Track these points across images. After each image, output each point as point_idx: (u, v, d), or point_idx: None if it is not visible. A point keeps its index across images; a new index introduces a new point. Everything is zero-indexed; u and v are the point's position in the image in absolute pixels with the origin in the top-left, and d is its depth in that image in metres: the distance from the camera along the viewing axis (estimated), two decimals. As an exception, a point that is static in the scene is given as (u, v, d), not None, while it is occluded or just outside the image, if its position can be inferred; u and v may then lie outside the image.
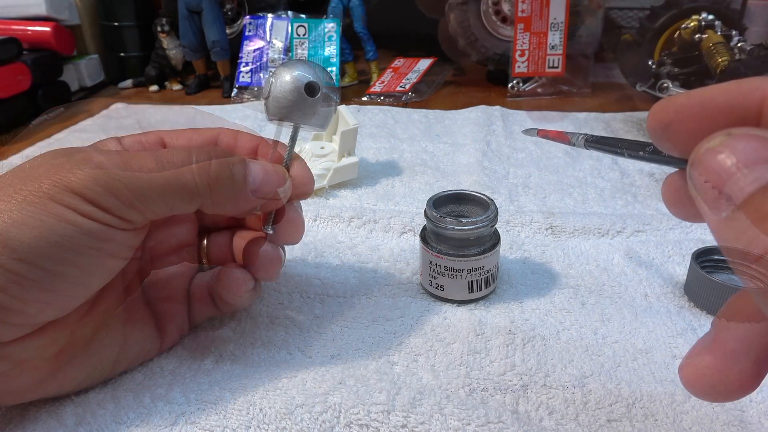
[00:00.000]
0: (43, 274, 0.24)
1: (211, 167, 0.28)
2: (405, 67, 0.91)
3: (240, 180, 0.29)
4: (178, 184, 0.27)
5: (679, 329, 0.35)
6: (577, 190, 0.54)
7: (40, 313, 0.25)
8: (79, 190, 0.25)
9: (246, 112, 0.77)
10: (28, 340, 0.26)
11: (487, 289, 0.38)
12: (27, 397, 0.28)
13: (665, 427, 0.29)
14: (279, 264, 0.33)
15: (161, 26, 0.88)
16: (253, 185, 0.29)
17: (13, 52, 0.74)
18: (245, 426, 0.28)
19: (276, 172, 0.31)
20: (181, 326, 0.34)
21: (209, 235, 0.35)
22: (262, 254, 0.32)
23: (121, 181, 0.25)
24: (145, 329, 0.32)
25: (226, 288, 0.32)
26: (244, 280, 0.32)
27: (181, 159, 0.27)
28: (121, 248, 0.27)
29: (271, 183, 0.30)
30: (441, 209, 0.38)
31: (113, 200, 0.25)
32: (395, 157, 0.62)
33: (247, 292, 0.32)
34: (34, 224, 0.24)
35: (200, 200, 0.28)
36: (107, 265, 0.27)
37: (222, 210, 0.30)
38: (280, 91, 0.31)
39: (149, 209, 0.26)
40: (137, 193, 0.26)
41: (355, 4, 0.86)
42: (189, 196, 0.27)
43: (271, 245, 0.32)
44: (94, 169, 0.25)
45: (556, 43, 0.81)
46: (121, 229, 0.26)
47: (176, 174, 0.27)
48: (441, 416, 0.28)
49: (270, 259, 0.32)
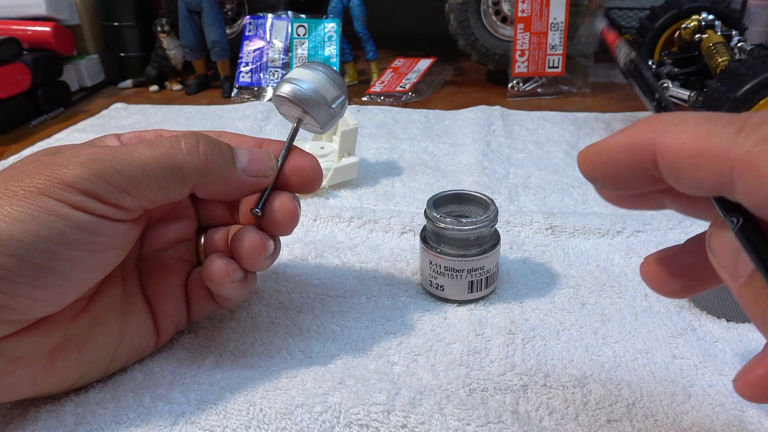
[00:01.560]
0: (33, 270, 0.24)
1: (200, 146, 0.28)
2: (405, 67, 0.91)
3: (228, 158, 0.30)
4: (170, 164, 0.27)
5: (679, 329, 0.35)
6: (577, 190, 0.54)
7: (30, 310, 0.25)
8: (70, 180, 0.25)
9: (246, 112, 0.77)
10: (21, 337, 0.26)
11: (487, 289, 0.38)
12: (22, 395, 0.28)
13: (665, 427, 0.29)
14: (263, 250, 0.31)
15: (161, 26, 0.88)
16: (240, 164, 0.30)
17: (13, 52, 0.74)
18: (245, 426, 0.28)
19: (261, 152, 0.31)
20: (177, 322, 0.34)
21: (206, 232, 0.35)
22: (246, 240, 0.30)
23: (114, 167, 0.26)
24: (142, 326, 0.32)
25: (210, 279, 0.31)
26: (229, 270, 0.30)
27: (170, 143, 0.28)
28: (114, 242, 0.27)
29: (257, 161, 0.31)
30: (441, 209, 0.38)
31: (106, 186, 0.25)
32: (395, 157, 0.62)
33: (233, 284, 0.31)
34: (25, 219, 0.24)
35: (192, 180, 0.28)
36: (100, 260, 0.27)
37: (214, 191, 0.30)
38: (313, 79, 0.32)
39: (143, 194, 0.27)
40: (129, 177, 0.26)
41: (355, 4, 0.86)
42: (181, 176, 0.28)
43: (257, 231, 0.31)
44: (86, 158, 0.26)
45: (556, 43, 0.81)
46: (114, 219, 0.26)
47: (167, 155, 0.27)
48: (441, 416, 0.28)
49: (253, 244, 0.30)
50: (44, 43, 0.82)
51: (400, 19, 1.22)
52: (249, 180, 0.30)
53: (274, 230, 0.32)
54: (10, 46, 0.73)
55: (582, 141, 0.66)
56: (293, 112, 0.33)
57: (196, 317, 0.35)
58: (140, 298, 0.32)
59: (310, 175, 0.33)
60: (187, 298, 0.34)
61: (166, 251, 0.33)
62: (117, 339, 0.31)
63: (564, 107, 0.78)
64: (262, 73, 0.86)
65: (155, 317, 0.33)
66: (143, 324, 0.32)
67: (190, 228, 0.34)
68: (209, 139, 0.29)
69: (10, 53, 0.73)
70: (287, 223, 0.32)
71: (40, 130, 0.76)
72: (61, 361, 0.28)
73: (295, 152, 0.33)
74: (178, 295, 0.33)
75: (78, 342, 0.29)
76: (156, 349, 0.34)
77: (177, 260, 0.34)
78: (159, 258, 0.33)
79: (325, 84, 0.32)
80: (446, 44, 0.98)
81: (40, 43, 0.82)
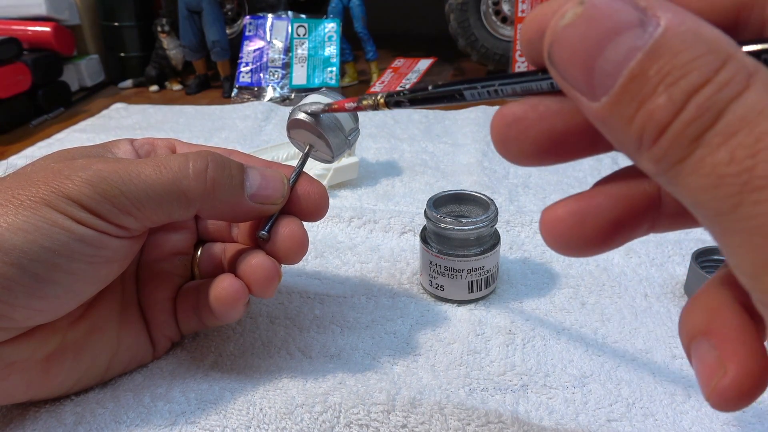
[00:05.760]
0: (34, 280, 0.24)
1: (208, 172, 0.27)
2: (405, 67, 0.91)
3: (237, 184, 0.28)
4: (175, 189, 0.26)
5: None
6: (577, 190, 0.53)
7: (28, 319, 0.25)
8: (75, 196, 0.24)
9: (246, 112, 0.77)
10: (18, 342, 0.26)
11: (487, 289, 0.38)
12: (16, 399, 0.28)
13: (665, 427, 0.29)
14: (276, 278, 0.30)
15: (161, 26, 0.88)
16: (250, 190, 0.29)
17: (13, 52, 0.74)
18: (245, 426, 0.28)
19: (274, 177, 0.30)
20: (170, 335, 0.33)
21: (203, 246, 0.34)
22: (259, 266, 0.29)
23: (118, 188, 0.25)
24: (140, 335, 0.32)
25: (220, 299, 0.29)
26: (243, 291, 0.29)
27: (178, 164, 0.27)
28: (116, 256, 0.27)
29: (268, 187, 0.29)
30: (441, 209, 0.38)
31: (109, 207, 0.25)
32: (395, 157, 0.62)
33: (243, 305, 0.30)
34: (28, 229, 0.23)
35: (197, 206, 0.27)
36: (101, 273, 0.27)
37: (219, 215, 0.29)
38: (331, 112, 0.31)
39: (145, 216, 0.26)
40: (133, 199, 0.26)
41: (355, 4, 0.86)
42: (186, 201, 0.27)
43: (269, 258, 0.30)
44: (92, 175, 0.25)
45: (556, 43, 0.80)
46: (116, 236, 0.26)
47: (173, 179, 0.26)
48: (441, 416, 0.28)
49: (266, 272, 0.29)
50: (44, 43, 0.82)
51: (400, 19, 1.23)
52: (256, 207, 0.29)
53: (281, 257, 0.30)
54: (11, 46, 0.73)
55: (582, 141, 0.66)
56: (306, 137, 0.32)
57: (183, 332, 0.34)
58: (136, 308, 0.32)
59: (318, 203, 0.31)
60: (175, 312, 0.33)
61: (161, 262, 0.33)
62: (114, 347, 0.30)
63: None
64: (262, 73, 0.86)
65: (149, 328, 0.32)
66: (140, 333, 0.32)
67: (190, 241, 0.34)
68: (219, 163, 0.28)
69: (11, 53, 0.73)
70: (295, 253, 0.30)
71: (40, 130, 0.76)
72: (56, 367, 0.28)
73: (305, 178, 0.32)
74: (167, 308, 0.32)
75: (74, 348, 0.28)
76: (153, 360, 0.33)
77: (170, 273, 0.33)
78: (154, 268, 0.33)
79: (345, 113, 0.32)
80: (446, 44, 0.98)
81: (41, 43, 0.82)
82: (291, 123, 0.32)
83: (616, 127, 0.14)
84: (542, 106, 0.17)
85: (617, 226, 0.18)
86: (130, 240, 0.27)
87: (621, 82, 0.14)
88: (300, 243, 0.30)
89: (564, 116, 0.17)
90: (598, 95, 0.14)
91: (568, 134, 0.17)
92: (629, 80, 0.13)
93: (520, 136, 0.17)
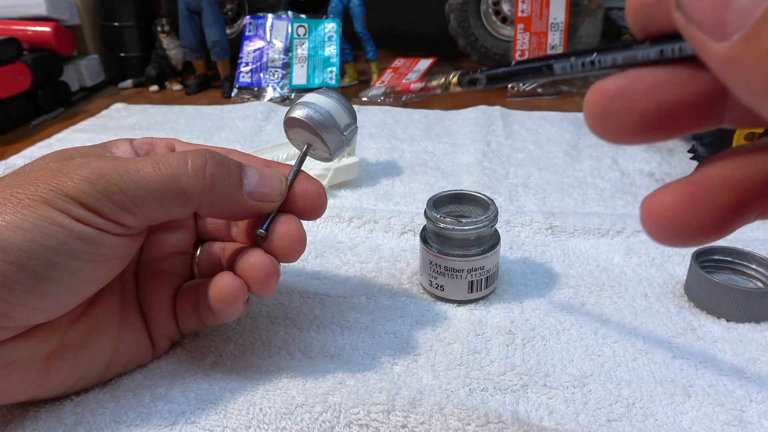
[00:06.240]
0: (33, 279, 0.24)
1: (207, 169, 0.27)
2: (405, 67, 0.91)
3: (235, 181, 0.28)
4: (174, 186, 0.26)
5: (679, 329, 0.35)
6: (577, 190, 0.54)
7: (27, 318, 0.25)
8: (74, 194, 0.25)
9: (246, 112, 0.77)
10: (17, 341, 0.26)
11: (487, 289, 0.38)
12: (16, 398, 0.28)
13: (665, 427, 0.29)
14: (275, 276, 0.30)
15: (161, 26, 0.88)
16: (248, 187, 0.29)
17: (13, 52, 0.74)
18: (245, 426, 0.28)
19: (272, 175, 0.30)
20: (169, 334, 0.33)
21: (203, 246, 0.34)
22: (257, 264, 0.29)
23: (118, 185, 0.25)
24: (139, 335, 0.32)
25: (219, 298, 0.29)
26: (242, 289, 0.29)
27: (177, 161, 0.27)
28: (115, 254, 0.27)
29: (267, 185, 0.30)
30: (441, 209, 0.38)
31: (108, 204, 0.25)
32: (395, 157, 0.62)
33: (243, 304, 0.30)
34: (27, 227, 0.23)
35: (196, 203, 0.28)
36: (100, 271, 0.27)
37: (218, 213, 0.29)
38: (327, 104, 0.31)
39: (145, 213, 0.26)
40: (132, 196, 0.26)
41: (355, 4, 0.86)
42: (185, 198, 0.27)
43: (268, 256, 0.30)
44: (91, 173, 0.25)
45: (556, 43, 0.81)
46: (115, 234, 0.26)
47: (172, 176, 0.27)
48: (441, 416, 0.28)
49: (265, 270, 0.29)
50: (44, 43, 0.82)
51: (400, 19, 1.23)
52: (254, 205, 0.29)
53: (279, 255, 0.30)
54: (11, 46, 0.73)
55: (582, 141, 0.66)
56: (303, 136, 0.32)
57: (183, 331, 0.34)
58: (136, 307, 0.32)
59: (316, 202, 0.32)
60: (174, 311, 0.33)
61: (161, 261, 0.33)
62: (114, 346, 0.30)
63: (564, 107, 0.78)
64: (262, 73, 0.86)
65: (149, 327, 0.32)
66: (139, 332, 0.32)
67: (189, 240, 0.34)
68: (218, 160, 0.28)
69: (11, 53, 0.73)
70: (293, 251, 0.30)
71: (40, 130, 0.76)
72: (56, 366, 0.28)
73: (303, 177, 0.32)
74: (167, 308, 0.32)
75: (74, 347, 0.29)
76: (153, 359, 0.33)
77: (169, 272, 0.33)
78: (153, 267, 0.33)
79: (339, 110, 0.32)
80: (446, 44, 0.98)
81: (41, 43, 0.82)
82: (286, 121, 0.32)
83: (748, 67, 0.13)
84: (650, 77, 0.15)
85: (733, 211, 0.16)
86: (130, 238, 0.27)
87: (760, 15, 0.12)
88: (298, 241, 0.30)
89: (674, 87, 0.15)
90: (729, 33, 0.13)
91: (678, 107, 0.15)
92: (764, 16, 0.12)
93: (625, 109, 0.16)
